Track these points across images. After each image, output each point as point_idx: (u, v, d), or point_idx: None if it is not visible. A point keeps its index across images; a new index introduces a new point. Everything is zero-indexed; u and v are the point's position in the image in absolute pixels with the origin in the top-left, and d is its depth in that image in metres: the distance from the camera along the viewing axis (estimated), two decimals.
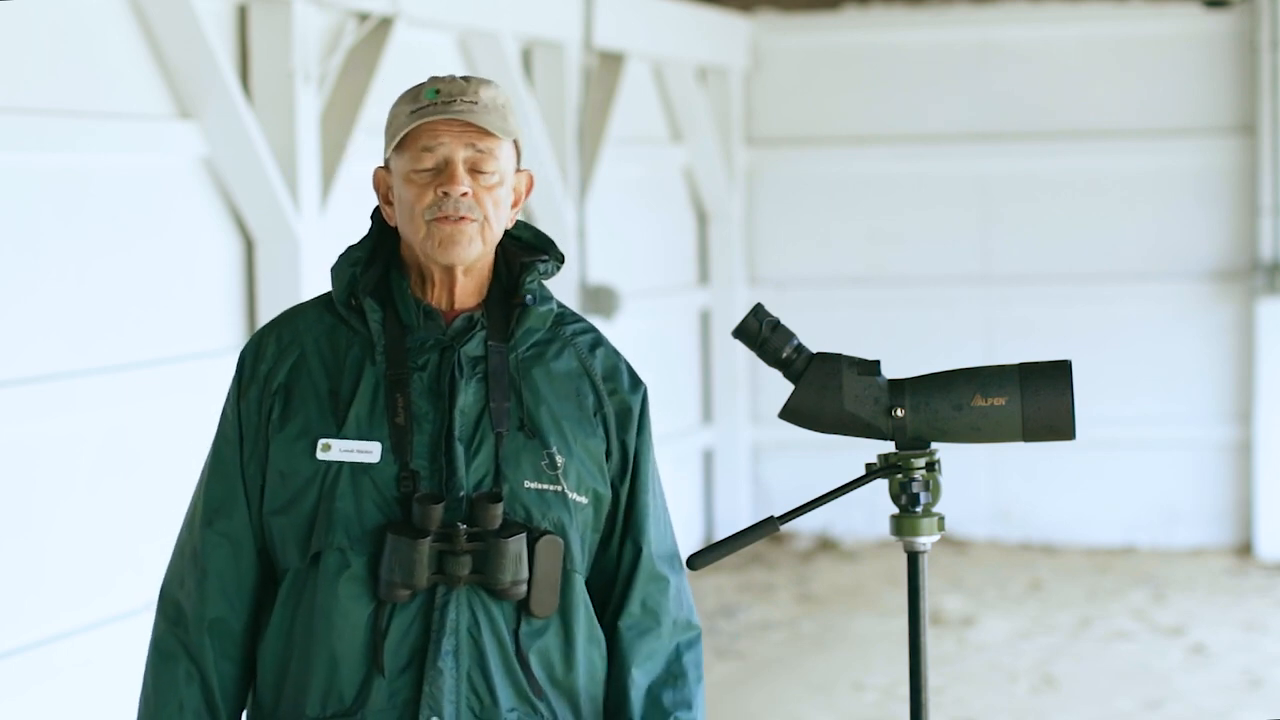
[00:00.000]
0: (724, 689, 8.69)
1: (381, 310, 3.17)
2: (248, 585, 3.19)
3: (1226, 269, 11.66)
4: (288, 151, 7.13)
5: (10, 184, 6.15)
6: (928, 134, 11.93)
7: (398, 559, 3.07)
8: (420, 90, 3.16)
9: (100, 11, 6.55)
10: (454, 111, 3.11)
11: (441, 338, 3.16)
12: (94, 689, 6.45)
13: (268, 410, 3.17)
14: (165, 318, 6.90)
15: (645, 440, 3.25)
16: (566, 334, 3.25)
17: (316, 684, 3.12)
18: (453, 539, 3.08)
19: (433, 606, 3.10)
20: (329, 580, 3.11)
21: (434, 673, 3.09)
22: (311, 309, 3.24)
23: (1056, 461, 11.65)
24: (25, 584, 6.22)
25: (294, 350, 3.19)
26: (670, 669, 3.25)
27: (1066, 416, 3.07)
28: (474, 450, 3.13)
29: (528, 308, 3.19)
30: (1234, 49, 11.58)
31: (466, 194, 3.12)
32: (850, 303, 12.00)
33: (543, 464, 3.15)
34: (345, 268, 3.20)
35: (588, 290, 9.71)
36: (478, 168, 3.14)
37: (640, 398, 3.25)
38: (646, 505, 3.25)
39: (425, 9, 8.05)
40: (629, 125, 10.53)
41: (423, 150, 3.13)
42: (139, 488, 6.66)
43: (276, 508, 3.16)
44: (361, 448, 3.12)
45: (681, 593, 3.29)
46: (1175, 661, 9.18)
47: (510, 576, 3.09)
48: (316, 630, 3.12)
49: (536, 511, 3.14)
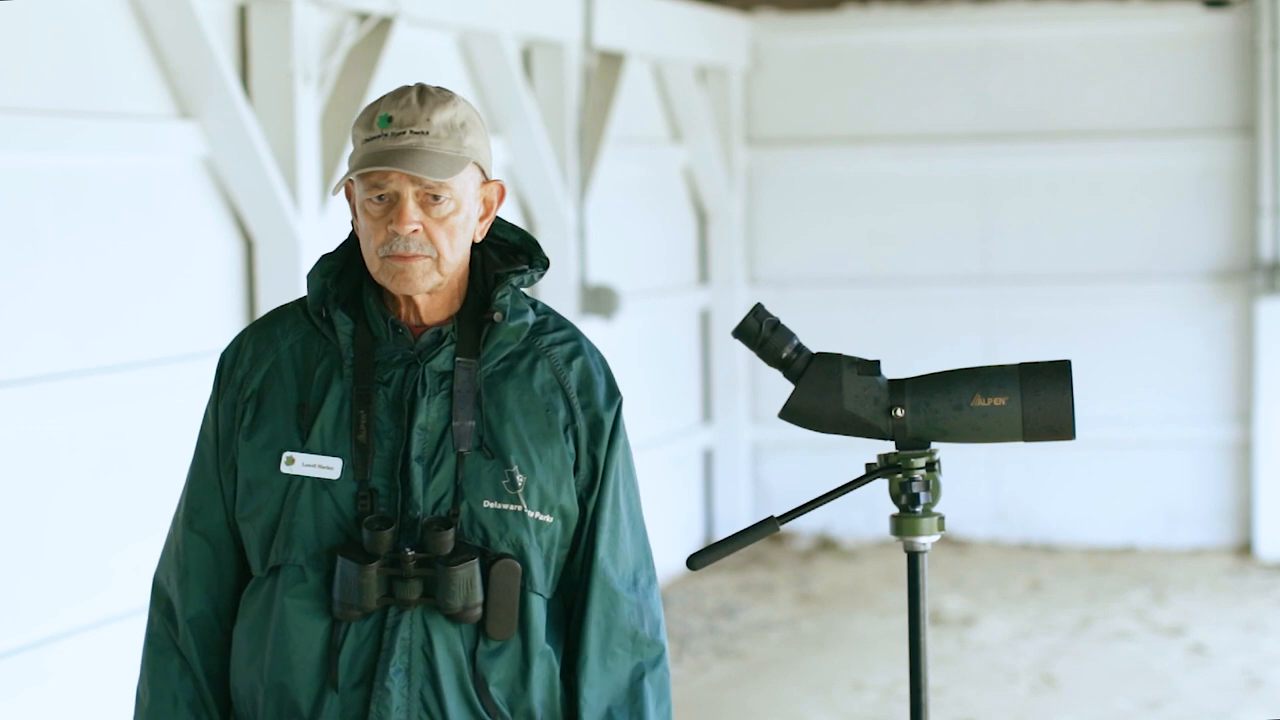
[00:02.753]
0: (724, 689, 8.68)
1: (353, 322, 3.15)
2: (228, 583, 3.20)
3: (1226, 269, 11.66)
4: (288, 151, 7.13)
5: (10, 184, 6.15)
6: (928, 134, 11.93)
7: (346, 583, 3.06)
8: (375, 113, 3.10)
9: (100, 11, 6.55)
10: (400, 150, 3.06)
11: (409, 352, 3.13)
12: (90, 689, 6.45)
13: (240, 416, 3.17)
14: (165, 317, 6.90)
15: (615, 454, 3.20)
16: (543, 345, 3.19)
17: (272, 693, 3.13)
18: (401, 565, 3.06)
19: (384, 626, 3.09)
20: (286, 595, 3.11)
21: (381, 691, 3.08)
22: (291, 314, 3.23)
23: (1056, 461, 11.65)
24: (22, 584, 6.21)
25: (269, 356, 3.19)
26: (630, 690, 3.21)
27: (1066, 416, 3.07)
28: (433, 469, 3.11)
29: (497, 324, 3.14)
30: (1234, 49, 11.58)
31: (417, 231, 3.07)
32: (850, 303, 12.00)
33: (503, 483, 3.11)
34: (318, 278, 3.18)
35: (588, 290, 9.70)
36: (431, 198, 3.09)
37: (614, 411, 3.20)
38: (605, 520, 3.19)
39: (425, 9, 8.05)
40: (629, 125, 10.53)
41: (373, 185, 3.09)
42: (137, 488, 6.66)
43: (244, 515, 3.17)
44: (324, 463, 3.11)
45: (645, 610, 3.23)
46: (1175, 661, 9.18)
47: (461, 602, 3.07)
48: (273, 640, 3.12)
49: (494, 532, 3.11)
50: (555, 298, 9.46)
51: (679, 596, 10.35)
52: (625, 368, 10.13)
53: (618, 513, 3.21)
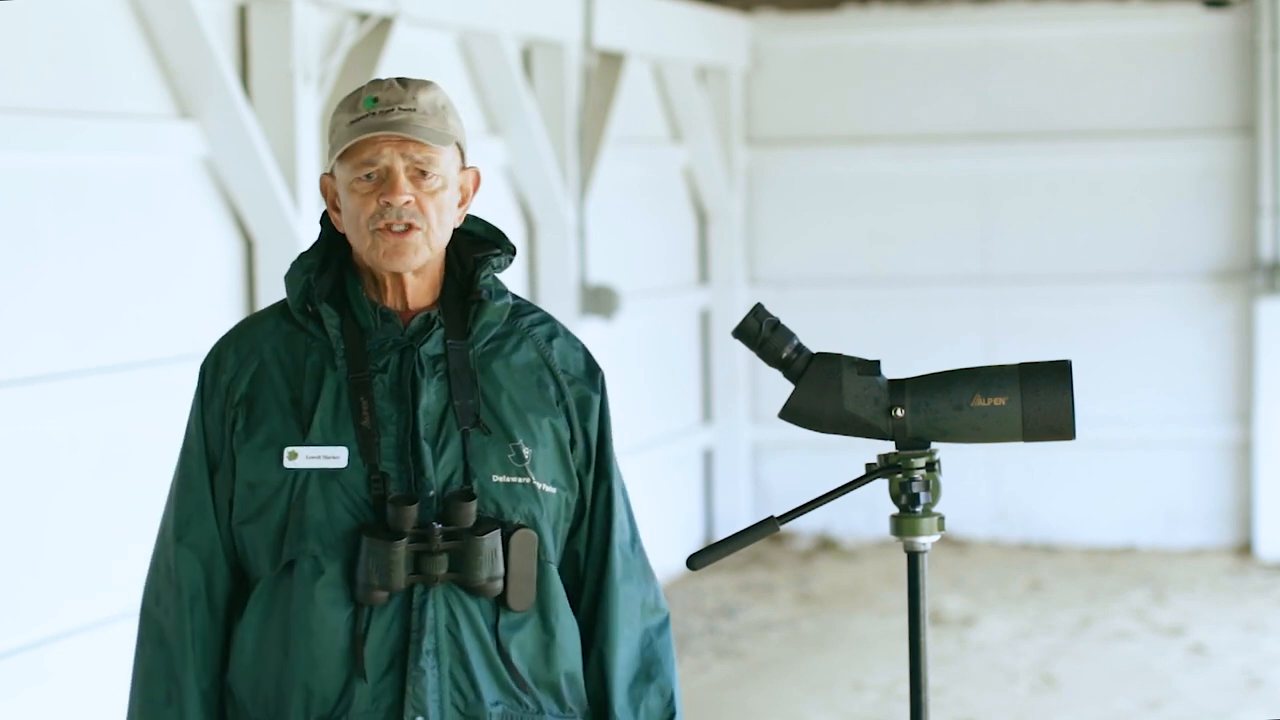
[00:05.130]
0: (724, 689, 8.68)
1: (339, 315, 3.18)
2: (221, 596, 3.21)
3: (1226, 269, 11.66)
4: (288, 151, 7.13)
5: (10, 184, 6.15)
6: (928, 134, 11.93)
7: (374, 561, 3.08)
8: (359, 98, 3.17)
9: (100, 11, 6.55)
10: (391, 122, 3.12)
11: (400, 338, 3.18)
12: (90, 689, 6.45)
13: (231, 422, 3.19)
14: (165, 317, 6.90)
15: (607, 427, 3.28)
16: (524, 325, 3.26)
17: (297, 691, 3.13)
18: (428, 539, 3.09)
19: (410, 607, 3.11)
20: (304, 587, 3.12)
21: (416, 672, 3.10)
22: (268, 318, 3.26)
23: (1056, 461, 11.65)
24: (22, 584, 6.21)
25: (253, 360, 3.20)
26: (644, 654, 3.28)
27: (1066, 416, 3.07)
28: (440, 448, 3.14)
29: (484, 303, 3.20)
30: (1234, 49, 11.58)
31: (409, 202, 3.13)
32: (850, 303, 12.00)
33: (509, 456, 3.16)
34: (299, 275, 3.21)
35: (588, 290, 9.70)
36: (419, 174, 3.15)
37: (599, 385, 3.27)
38: (614, 494, 3.27)
39: (425, 9, 8.05)
40: (629, 125, 10.53)
41: (364, 162, 3.14)
42: (137, 488, 6.66)
43: (246, 518, 3.17)
44: (328, 453, 3.14)
45: (648, 576, 3.31)
46: (1175, 661, 9.18)
47: (487, 573, 3.11)
48: (294, 637, 3.13)
49: (506, 505, 3.15)
50: (555, 298, 9.46)
51: (679, 596, 10.35)
52: (625, 368, 10.15)
53: (618, 484, 3.29)
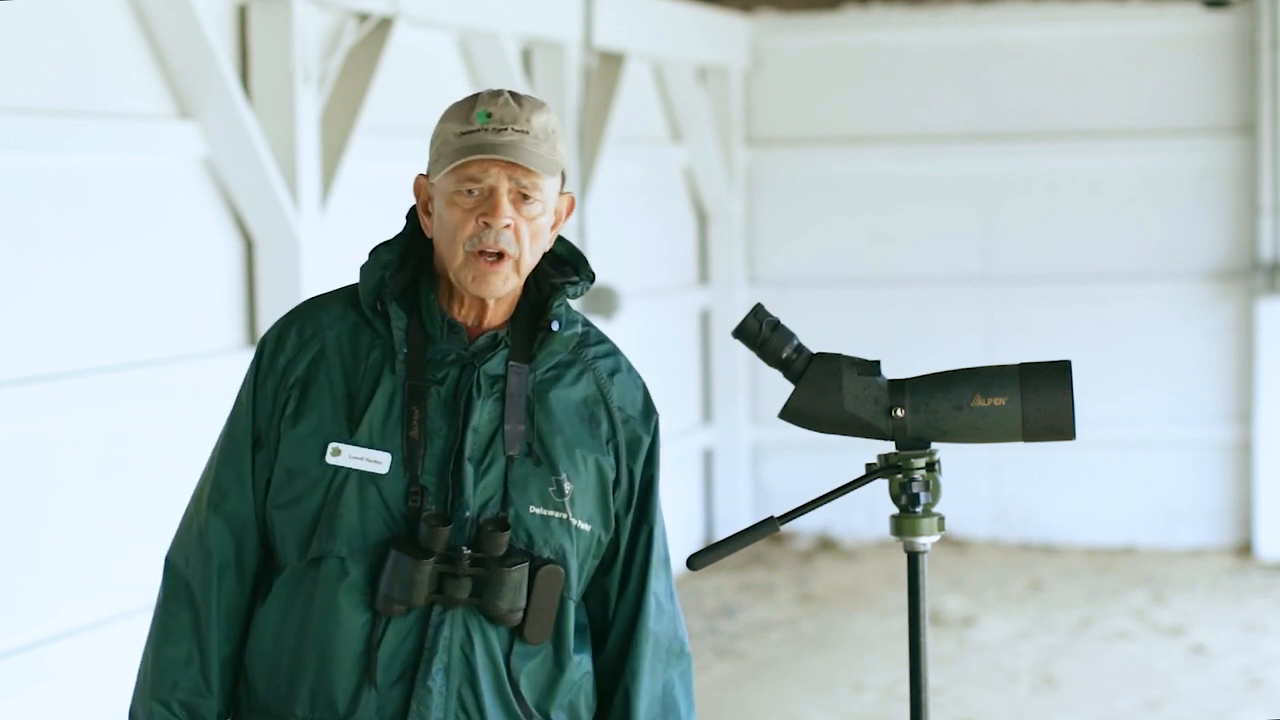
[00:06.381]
0: (724, 689, 8.68)
1: (407, 317, 3.14)
2: (250, 569, 3.17)
3: (1226, 269, 11.66)
4: (288, 151, 7.13)
5: (10, 184, 6.15)
6: (928, 134, 11.92)
7: (399, 576, 3.06)
8: (471, 111, 3.10)
9: (100, 11, 6.55)
10: (503, 144, 3.06)
11: (463, 353, 3.13)
12: (90, 689, 6.45)
13: (283, 403, 3.14)
14: (165, 318, 6.90)
15: (655, 470, 3.24)
16: (588, 356, 3.21)
17: (306, 685, 3.12)
18: (455, 562, 3.07)
19: (428, 624, 3.09)
20: (327, 587, 3.10)
21: (423, 690, 3.08)
22: (336, 303, 3.20)
23: (1056, 461, 11.65)
24: (22, 584, 6.21)
25: (315, 344, 3.16)
26: (665, 700, 3.26)
27: (1067, 417, 3.07)
28: (483, 471, 3.11)
29: (553, 333, 3.16)
30: (1234, 49, 11.58)
31: (509, 226, 3.08)
32: (850, 303, 12.00)
33: (550, 490, 3.13)
34: (375, 270, 3.16)
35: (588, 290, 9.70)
36: (522, 197, 3.10)
37: (653, 427, 3.24)
38: (655, 537, 3.25)
39: (425, 9, 8.05)
40: (629, 125, 10.53)
41: (469, 177, 3.08)
42: (137, 488, 6.66)
43: (280, 502, 3.14)
44: (372, 456, 3.10)
45: (677, 621, 3.30)
46: (1175, 661, 9.18)
47: (508, 604, 3.09)
48: (311, 632, 3.11)
49: (539, 537, 3.12)
50: None
51: (679, 597, 10.36)
52: None
53: (660, 528, 3.26)
